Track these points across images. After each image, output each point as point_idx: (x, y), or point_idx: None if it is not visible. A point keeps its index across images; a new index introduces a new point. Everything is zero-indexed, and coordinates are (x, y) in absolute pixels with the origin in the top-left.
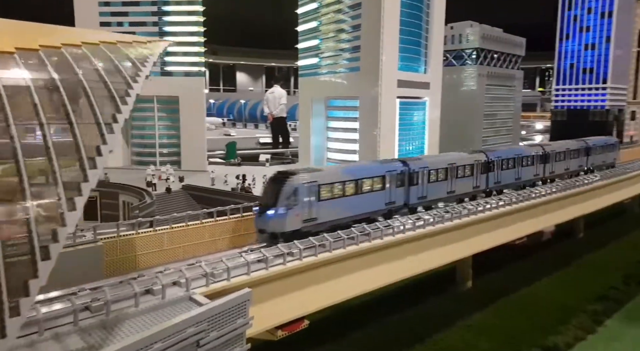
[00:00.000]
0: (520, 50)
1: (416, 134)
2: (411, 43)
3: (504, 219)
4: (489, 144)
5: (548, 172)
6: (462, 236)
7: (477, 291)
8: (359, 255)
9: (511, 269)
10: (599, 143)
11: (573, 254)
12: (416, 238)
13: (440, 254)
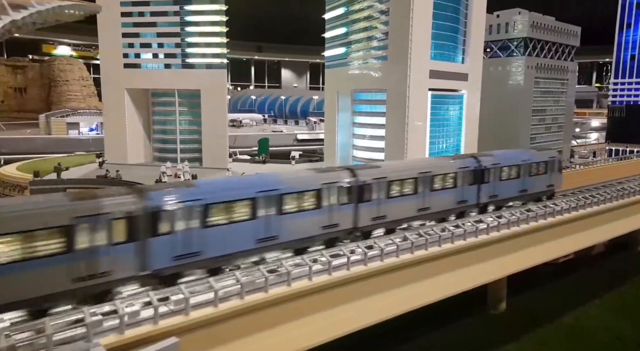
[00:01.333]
0: (574, 40)
1: (451, 131)
2: (447, 29)
3: (547, 233)
4: (537, 142)
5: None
6: (497, 252)
7: (512, 314)
8: (366, 278)
9: (554, 289)
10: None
11: (629, 271)
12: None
13: (477, 274)
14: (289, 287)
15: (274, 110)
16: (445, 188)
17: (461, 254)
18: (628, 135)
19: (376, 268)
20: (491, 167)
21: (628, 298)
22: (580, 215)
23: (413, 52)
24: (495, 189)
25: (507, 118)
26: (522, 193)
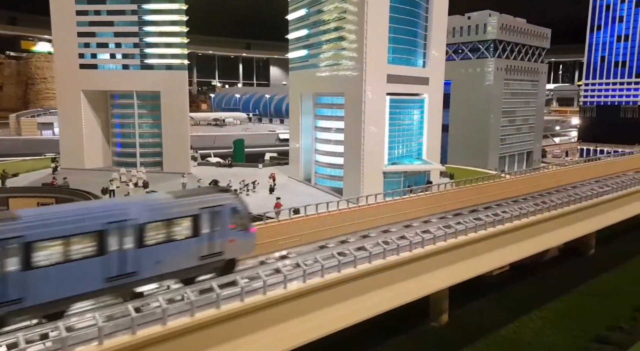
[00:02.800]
0: (545, 42)
1: (413, 135)
2: (406, 34)
3: (492, 241)
4: (508, 143)
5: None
6: (436, 264)
7: (452, 327)
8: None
9: (499, 298)
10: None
11: (578, 277)
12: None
13: (415, 287)
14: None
15: (259, 109)
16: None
17: (402, 266)
18: (599, 135)
19: (316, 285)
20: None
21: (568, 308)
22: (526, 223)
23: (369, 56)
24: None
25: (478, 119)
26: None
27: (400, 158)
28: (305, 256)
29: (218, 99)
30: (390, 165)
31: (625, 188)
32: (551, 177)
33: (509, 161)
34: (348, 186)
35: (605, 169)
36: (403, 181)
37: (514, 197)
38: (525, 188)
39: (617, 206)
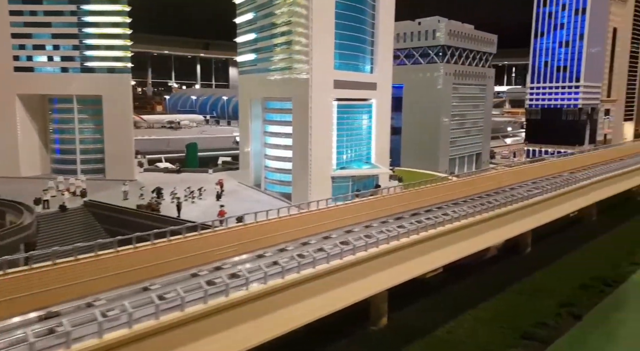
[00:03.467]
0: (491, 47)
1: (361, 140)
2: (352, 40)
3: (419, 247)
4: (458, 145)
5: None
6: (373, 269)
7: (390, 331)
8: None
9: (438, 299)
10: None
11: (512, 275)
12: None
13: (352, 291)
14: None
15: (216, 110)
16: None
17: (340, 272)
18: (544, 136)
19: (257, 292)
20: None
21: (501, 306)
22: (462, 225)
23: (315, 62)
24: None
25: (429, 123)
26: None
27: (349, 163)
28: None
29: (173, 100)
30: (339, 170)
31: (557, 189)
32: (492, 179)
33: (459, 163)
34: (297, 192)
35: (542, 171)
36: (351, 185)
37: (454, 199)
38: (467, 190)
39: (549, 207)
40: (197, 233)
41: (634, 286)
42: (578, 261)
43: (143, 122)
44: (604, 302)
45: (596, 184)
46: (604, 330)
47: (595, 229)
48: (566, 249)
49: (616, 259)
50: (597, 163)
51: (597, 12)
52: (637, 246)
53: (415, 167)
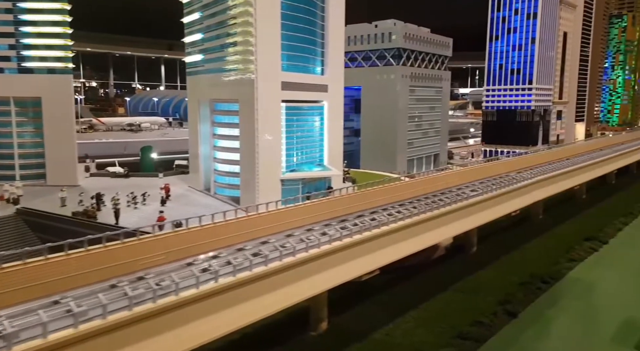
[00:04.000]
0: (447, 50)
1: (312, 141)
2: (301, 41)
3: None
4: (415, 147)
5: None
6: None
7: (331, 335)
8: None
9: (384, 300)
10: None
11: (456, 274)
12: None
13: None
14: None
15: (179, 112)
16: None
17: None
18: (499, 137)
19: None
20: None
21: (442, 306)
22: (403, 225)
23: (260, 63)
24: None
25: (386, 124)
26: None
27: (300, 165)
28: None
29: (134, 102)
30: (289, 172)
31: (499, 188)
32: (440, 180)
33: (417, 164)
34: (245, 195)
35: (490, 170)
36: (302, 188)
37: (401, 200)
38: (415, 191)
39: (490, 206)
40: (120, 241)
41: (569, 283)
42: (520, 258)
43: (101, 125)
44: (539, 299)
45: (538, 183)
46: (536, 327)
47: (539, 228)
48: (510, 248)
49: (555, 256)
50: (543, 163)
51: (548, 17)
52: (576, 243)
53: (374, 168)
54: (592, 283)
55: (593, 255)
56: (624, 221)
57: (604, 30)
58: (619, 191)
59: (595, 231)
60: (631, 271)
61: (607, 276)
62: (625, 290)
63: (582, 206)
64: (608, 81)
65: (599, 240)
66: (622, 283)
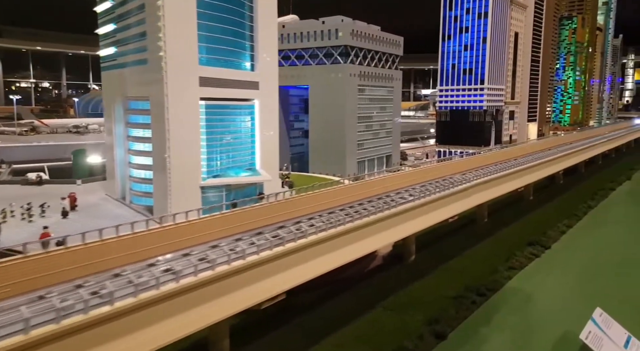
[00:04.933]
0: (397, 49)
1: (241, 144)
2: (225, 33)
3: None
4: (366, 148)
5: None
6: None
7: None
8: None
9: (303, 323)
10: None
11: (388, 288)
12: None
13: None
14: None
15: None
16: None
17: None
18: (453, 137)
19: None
20: None
21: (367, 327)
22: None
23: (170, 55)
24: None
25: (335, 125)
26: None
27: (225, 170)
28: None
29: (84, 103)
30: (211, 178)
31: (435, 193)
32: (379, 183)
33: (368, 165)
34: (158, 204)
35: (434, 173)
36: (226, 195)
37: (331, 208)
38: (349, 197)
39: (426, 212)
40: None
41: (507, 294)
42: (459, 267)
43: (45, 127)
44: (473, 316)
45: (479, 186)
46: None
47: (483, 232)
48: (450, 255)
49: (495, 264)
50: (490, 164)
51: (499, 17)
52: (518, 248)
53: (324, 171)
54: (530, 293)
55: (534, 262)
56: (568, 223)
57: (554, 32)
58: (566, 191)
59: (538, 234)
60: (571, 278)
61: (546, 285)
62: (563, 300)
63: (528, 208)
64: (560, 81)
65: (542, 245)
66: (561, 292)
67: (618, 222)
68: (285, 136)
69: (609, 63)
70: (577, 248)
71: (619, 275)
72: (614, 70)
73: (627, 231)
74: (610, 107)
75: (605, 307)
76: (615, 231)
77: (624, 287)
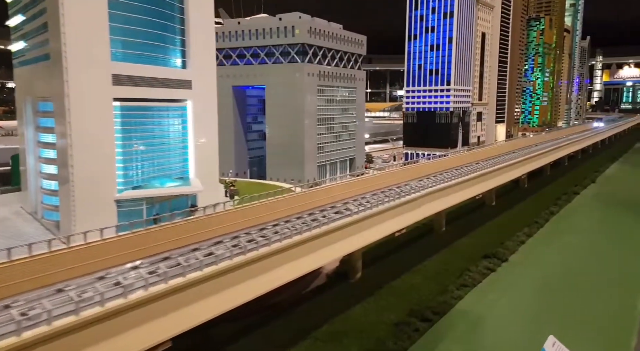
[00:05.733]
0: (360, 48)
1: (169, 150)
2: (147, 25)
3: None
4: (327, 151)
5: None
6: None
7: None
8: None
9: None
10: None
11: (325, 312)
12: None
13: None
14: None
15: None
16: None
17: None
18: (420, 139)
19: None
20: None
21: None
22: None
23: (72, 50)
24: None
25: (293, 128)
26: None
27: (149, 180)
28: None
29: None
30: (129, 190)
31: (381, 203)
32: (324, 193)
33: (330, 170)
34: (63, 220)
35: (386, 180)
36: (149, 209)
37: (265, 223)
38: (291, 209)
39: (369, 226)
40: None
41: (454, 318)
42: (406, 286)
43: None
44: (413, 347)
45: (432, 194)
46: None
47: (438, 243)
48: (399, 271)
49: (446, 282)
50: (449, 168)
51: (465, 16)
52: (472, 261)
53: (282, 176)
54: (479, 317)
55: (489, 277)
56: (528, 231)
57: (522, 33)
58: (530, 195)
59: (496, 244)
60: (526, 297)
61: (498, 306)
62: (515, 325)
63: (489, 214)
64: (528, 82)
65: (498, 257)
66: (514, 314)
67: (579, 231)
68: (242, 139)
69: (577, 64)
70: (535, 261)
71: (577, 292)
72: (581, 71)
73: (588, 241)
74: (578, 108)
75: (560, 332)
76: (576, 241)
77: (582, 307)
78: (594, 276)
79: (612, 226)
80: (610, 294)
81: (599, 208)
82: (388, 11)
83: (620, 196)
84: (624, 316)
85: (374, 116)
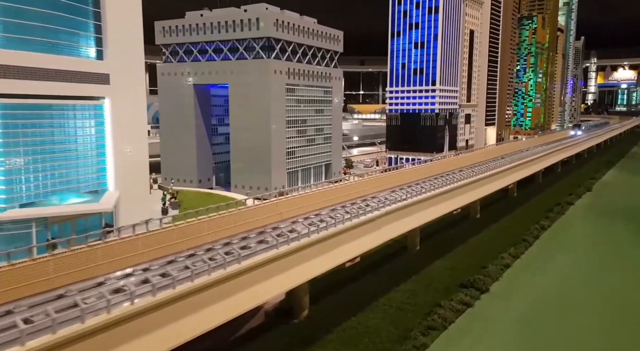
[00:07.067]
0: (336, 45)
1: (75, 158)
2: (45, 5)
3: None
4: (298, 156)
5: None
6: None
7: None
8: None
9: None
10: None
11: (306, 337)
12: None
13: None
14: None
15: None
16: None
17: None
18: (404, 143)
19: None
20: None
21: None
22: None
23: None
24: None
25: (259, 130)
26: None
27: (46, 195)
28: None
29: None
30: (15, 209)
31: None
32: (270, 210)
33: (302, 176)
34: None
35: (353, 190)
36: (39, 232)
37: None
38: (226, 230)
39: (317, 254)
40: None
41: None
42: (359, 332)
43: None
44: None
45: (394, 213)
46: None
47: (409, 267)
48: (354, 309)
49: (409, 324)
50: (428, 177)
51: (451, 12)
52: (445, 293)
53: (248, 183)
54: None
55: (463, 315)
56: (514, 252)
57: (514, 31)
58: (519, 207)
59: (476, 269)
60: (506, 342)
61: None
62: None
63: (472, 229)
64: (520, 83)
65: (477, 287)
66: None
67: (573, 250)
68: (207, 143)
69: (570, 65)
70: (521, 291)
71: (570, 334)
72: (575, 72)
73: (584, 263)
74: (572, 111)
75: None
76: (569, 263)
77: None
78: (590, 310)
79: (611, 244)
80: (612, 335)
81: (594, 221)
82: (380, 12)
83: (620, 206)
84: None
85: (365, 117)
